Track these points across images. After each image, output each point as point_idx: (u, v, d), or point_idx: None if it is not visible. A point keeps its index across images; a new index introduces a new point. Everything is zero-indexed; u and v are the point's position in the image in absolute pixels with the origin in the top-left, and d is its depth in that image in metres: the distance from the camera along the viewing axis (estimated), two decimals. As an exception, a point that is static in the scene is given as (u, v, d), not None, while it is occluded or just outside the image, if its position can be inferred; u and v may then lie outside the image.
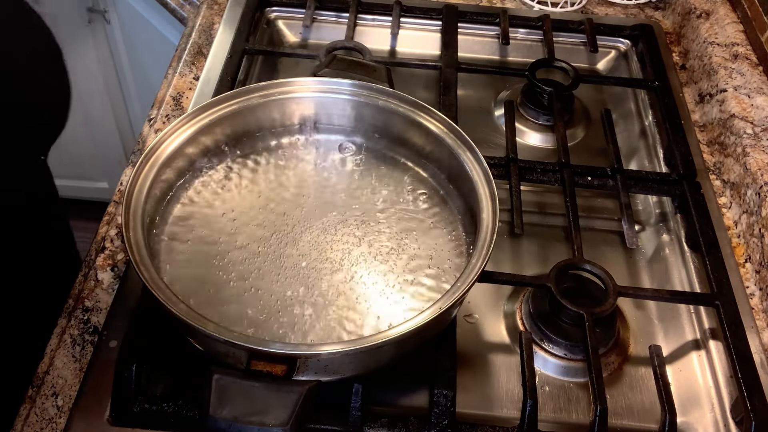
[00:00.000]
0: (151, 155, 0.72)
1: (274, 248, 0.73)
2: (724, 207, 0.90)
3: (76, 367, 0.71)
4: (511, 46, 1.10)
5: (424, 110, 0.78)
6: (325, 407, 0.65)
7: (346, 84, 0.80)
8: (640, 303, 0.80)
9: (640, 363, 0.75)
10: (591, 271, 0.76)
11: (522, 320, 0.78)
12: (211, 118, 0.76)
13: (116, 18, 1.55)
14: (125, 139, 1.88)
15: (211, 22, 1.10)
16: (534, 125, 0.99)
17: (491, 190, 0.70)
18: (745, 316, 0.76)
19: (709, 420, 0.72)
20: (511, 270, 0.80)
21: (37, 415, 0.67)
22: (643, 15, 1.18)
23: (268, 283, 0.70)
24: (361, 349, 0.59)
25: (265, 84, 0.79)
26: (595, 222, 0.90)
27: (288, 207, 0.77)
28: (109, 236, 0.82)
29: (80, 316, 0.74)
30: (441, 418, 0.65)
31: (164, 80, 1.01)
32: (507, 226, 0.84)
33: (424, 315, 0.61)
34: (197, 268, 0.71)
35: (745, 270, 0.83)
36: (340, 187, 0.79)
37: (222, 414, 0.53)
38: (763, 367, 0.73)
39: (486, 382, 0.73)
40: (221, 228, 0.74)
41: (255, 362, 0.57)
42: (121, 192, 0.86)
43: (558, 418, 0.71)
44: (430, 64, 1.03)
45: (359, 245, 0.73)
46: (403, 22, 1.10)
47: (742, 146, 0.89)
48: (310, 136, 0.83)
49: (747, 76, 0.98)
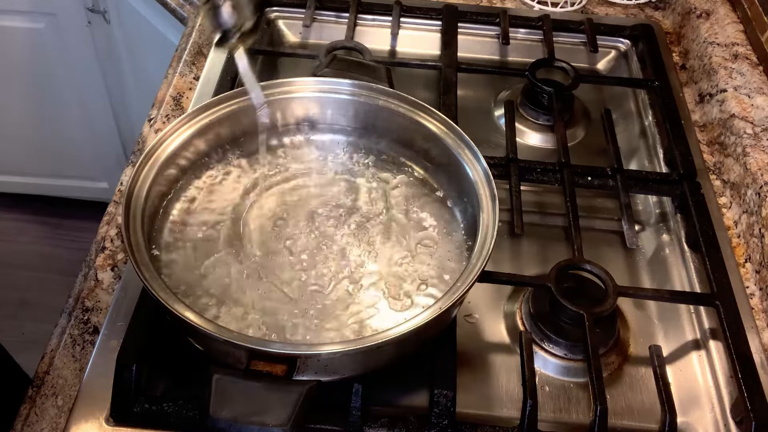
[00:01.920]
0: (151, 155, 0.72)
1: (274, 248, 0.73)
2: (724, 207, 0.90)
3: (76, 367, 0.71)
4: (511, 46, 1.10)
5: (424, 110, 0.78)
6: (325, 407, 0.65)
7: (346, 84, 0.80)
8: (640, 303, 0.80)
9: (640, 363, 0.75)
10: (591, 271, 0.76)
11: (522, 320, 0.77)
12: (211, 118, 0.76)
13: (116, 18, 1.55)
14: (125, 139, 1.88)
15: (211, 22, 1.09)
16: (534, 125, 0.99)
17: (491, 190, 0.70)
18: (745, 316, 0.76)
19: (709, 420, 0.72)
20: (511, 270, 0.80)
21: (37, 415, 0.67)
22: (643, 15, 1.18)
23: (268, 283, 0.70)
24: (361, 349, 0.59)
25: (265, 84, 0.79)
26: (595, 222, 0.90)
27: (288, 207, 0.77)
28: (109, 236, 0.82)
29: (80, 316, 0.74)
30: (441, 418, 0.65)
31: (164, 80, 1.01)
32: (507, 226, 0.84)
33: (424, 315, 0.61)
34: (197, 268, 0.71)
35: (745, 270, 0.83)
36: (339, 188, 0.79)
37: (222, 414, 0.53)
38: (763, 367, 0.73)
39: (486, 382, 0.73)
40: (221, 228, 0.74)
41: (255, 362, 0.57)
42: (121, 192, 0.86)
43: (558, 418, 0.71)
44: (430, 64, 1.03)
45: (359, 245, 0.73)
46: (403, 22, 1.10)
47: (742, 146, 0.89)
48: (309, 136, 0.83)
49: (747, 76, 0.98)
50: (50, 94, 1.77)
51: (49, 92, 1.77)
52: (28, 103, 1.81)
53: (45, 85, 1.75)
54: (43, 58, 1.69)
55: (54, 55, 1.67)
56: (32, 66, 1.72)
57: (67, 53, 1.67)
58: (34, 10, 1.60)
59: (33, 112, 1.83)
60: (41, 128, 1.87)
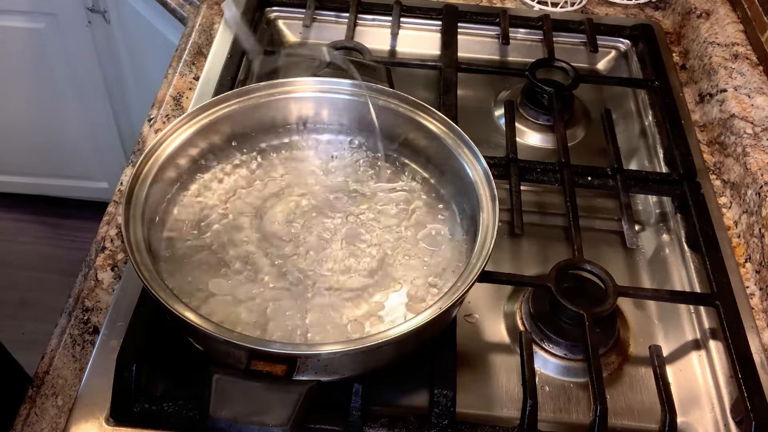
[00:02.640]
0: (151, 155, 0.72)
1: (274, 248, 0.73)
2: (724, 207, 0.90)
3: (76, 367, 0.71)
4: (511, 46, 1.10)
5: (424, 110, 0.78)
6: (325, 407, 0.65)
7: (346, 84, 0.80)
8: (640, 303, 0.80)
9: (640, 363, 0.75)
10: (591, 271, 0.76)
11: (522, 320, 0.78)
12: (211, 118, 0.76)
13: (116, 18, 1.55)
14: (125, 139, 1.88)
15: (211, 22, 1.10)
16: (534, 125, 0.99)
17: (491, 190, 0.70)
18: (745, 316, 0.76)
19: (709, 420, 0.72)
20: (511, 270, 0.80)
21: (37, 415, 0.67)
22: (643, 15, 1.18)
23: (268, 283, 0.70)
24: (361, 349, 0.59)
25: (265, 84, 0.79)
26: (595, 222, 0.90)
27: (287, 207, 0.76)
28: (109, 236, 0.82)
29: (80, 316, 0.74)
30: (441, 418, 0.65)
31: (164, 80, 1.01)
32: (507, 226, 0.84)
33: (424, 315, 0.61)
34: (197, 267, 0.71)
35: (745, 270, 0.83)
36: (339, 187, 0.79)
37: (222, 414, 0.53)
38: (763, 367, 0.73)
39: (486, 382, 0.73)
40: (221, 228, 0.74)
41: (255, 362, 0.57)
42: (121, 192, 0.86)
43: (558, 418, 0.71)
44: (430, 64, 1.03)
45: (359, 245, 0.73)
46: (403, 22, 1.10)
47: (742, 146, 0.89)
48: (310, 136, 0.83)
49: (747, 76, 0.98)
50: (50, 94, 1.77)
51: (49, 92, 1.77)
52: (28, 103, 1.81)
53: (45, 85, 1.75)
54: (43, 58, 1.68)
55: (54, 55, 1.67)
56: (32, 66, 1.71)
57: (67, 53, 1.67)
58: (34, 10, 1.60)
59: (33, 112, 1.83)
60: (41, 128, 1.87)
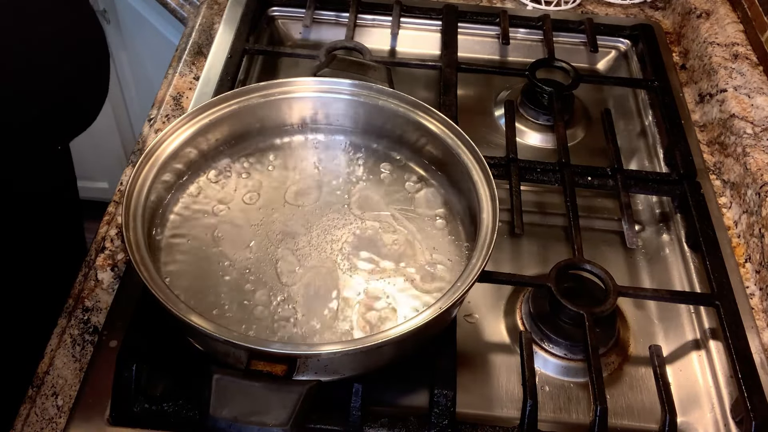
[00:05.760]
0: (151, 155, 0.72)
1: (274, 248, 0.73)
2: (724, 207, 0.90)
3: (76, 367, 0.71)
4: (511, 46, 1.10)
5: (424, 110, 0.78)
6: (325, 407, 0.65)
7: (346, 84, 0.80)
8: (640, 303, 0.80)
9: (640, 363, 0.75)
10: (591, 271, 0.76)
11: (522, 320, 0.78)
12: (211, 118, 0.76)
13: (116, 18, 1.55)
14: (125, 139, 1.88)
15: (211, 22, 1.10)
16: (534, 125, 0.99)
17: (491, 190, 0.70)
18: (745, 316, 0.76)
19: (709, 420, 0.72)
20: (511, 270, 0.80)
21: (37, 415, 0.67)
22: (643, 15, 1.18)
23: (268, 284, 0.70)
24: (361, 349, 0.59)
25: (265, 84, 0.79)
26: (595, 222, 0.90)
27: (288, 207, 0.77)
28: (109, 236, 0.82)
29: (80, 316, 0.74)
30: (441, 418, 0.65)
31: (164, 80, 1.01)
32: (507, 226, 0.84)
33: (424, 315, 0.61)
34: (197, 268, 0.71)
35: (745, 270, 0.83)
36: (339, 188, 0.79)
37: (222, 414, 0.53)
38: (763, 367, 0.73)
39: (486, 382, 0.73)
40: (221, 228, 0.74)
41: (255, 362, 0.57)
42: (121, 192, 0.86)
43: (558, 418, 0.71)
44: (430, 64, 1.03)
45: (359, 246, 0.73)
46: (403, 22, 1.10)
47: (742, 146, 0.89)
48: (310, 136, 0.83)
49: (747, 76, 0.98)
50: (50, 94, 1.77)
51: (49, 92, 1.76)
52: (28, 103, 1.81)
53: (45, 85, 1.75)
54: (43, 58, 1.68)
55: (54, 55, 1.67)
56: (32, 66, 1.71)
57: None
58: (34, 10, 1.60)
59: (33, 112, 1.83)
60: (41, 128, 1.86)
